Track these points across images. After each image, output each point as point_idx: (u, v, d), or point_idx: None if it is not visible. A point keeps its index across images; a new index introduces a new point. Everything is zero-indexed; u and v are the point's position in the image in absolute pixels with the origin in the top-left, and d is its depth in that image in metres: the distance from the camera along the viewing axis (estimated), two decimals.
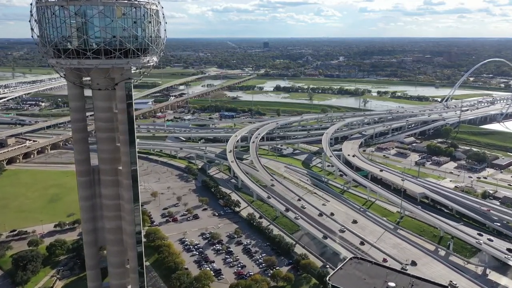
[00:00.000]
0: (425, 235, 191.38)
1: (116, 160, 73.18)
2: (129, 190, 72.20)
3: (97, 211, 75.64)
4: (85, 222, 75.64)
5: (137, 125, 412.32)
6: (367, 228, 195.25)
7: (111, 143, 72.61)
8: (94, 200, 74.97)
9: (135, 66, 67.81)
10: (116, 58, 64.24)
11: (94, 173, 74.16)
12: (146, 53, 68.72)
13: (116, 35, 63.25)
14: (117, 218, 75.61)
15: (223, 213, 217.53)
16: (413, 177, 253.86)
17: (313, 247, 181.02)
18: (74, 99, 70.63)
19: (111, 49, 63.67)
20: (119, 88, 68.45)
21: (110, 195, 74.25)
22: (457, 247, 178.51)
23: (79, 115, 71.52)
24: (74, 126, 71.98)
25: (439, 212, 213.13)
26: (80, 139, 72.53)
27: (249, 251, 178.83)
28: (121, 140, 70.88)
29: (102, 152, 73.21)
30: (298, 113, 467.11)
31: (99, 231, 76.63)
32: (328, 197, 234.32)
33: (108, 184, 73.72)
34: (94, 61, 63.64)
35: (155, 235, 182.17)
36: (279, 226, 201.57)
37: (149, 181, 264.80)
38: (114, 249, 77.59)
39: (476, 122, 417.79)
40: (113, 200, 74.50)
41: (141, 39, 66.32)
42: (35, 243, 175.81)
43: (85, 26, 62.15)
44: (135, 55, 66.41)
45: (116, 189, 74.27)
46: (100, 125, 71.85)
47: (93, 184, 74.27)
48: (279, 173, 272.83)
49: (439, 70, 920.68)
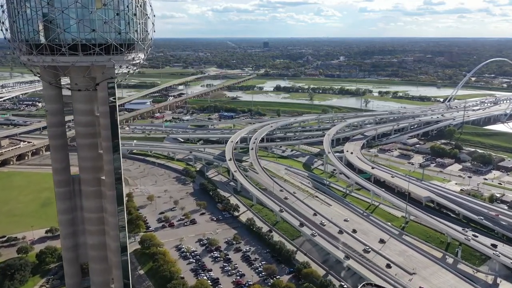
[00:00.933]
0: (431, 241, 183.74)
1: (99, 169, 65.71)
2: (113, 202, 64.66)
3: (78, 225, 68.21)
4: (64, 237, 68.19)
5: (133, 125, 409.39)
6: (371, 234, 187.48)
7: (92, 150, 65.13)
8: (75, 213, 67.54)
9: (118, 64, 59.83)
10: (96, 54, 56.53)
11: (74, 184, 66.75)
12: (131, 50, 60.94)
13: (96, 29, 55.55)
14: (100, 233, 68.17)
15: (221, 217, 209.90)
16: (417, 180, 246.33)
17: (315, 254, 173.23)
18: (50, 101, 63.18)
19: (90, 45, 55.99)
20: (100, 88, 60.90)
21: (92, 207, 66.85)
22: (466, 254, 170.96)
23: (57, 119, 64.04)
24: (50, 131, 64.56)
25: (445, 217, 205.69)
26: (58, 146, 65.05)
27: (248, 258, 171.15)
28: (103, 147, 63.39)
29: (83, 160, 65.76)
30: (299, 113, 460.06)
31: (81, 247, 69.24)
32: (330, 200, 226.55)
33: (90, 196, 66.30)
34: (71, 58, 56.20)
35: (150, 241, 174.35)
36: (279, 231, 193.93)
37: (146, 184, 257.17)
38: (97, 267, 70.10)
39: (480, 123, 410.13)
40: (96, 213, 67.14)
41: (125, 33, 58.64)
42: (24, 250, 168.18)
43: (59, 18, 54.42)
44: (118, 52, 58.61)
45: (99, 201, 66.83)
46: (81, 130, 64.46)
47: (73, 195, 66.85)
48: (279, 176, 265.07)
49: (441, 70, 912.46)
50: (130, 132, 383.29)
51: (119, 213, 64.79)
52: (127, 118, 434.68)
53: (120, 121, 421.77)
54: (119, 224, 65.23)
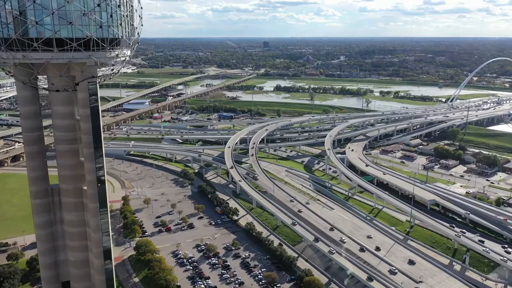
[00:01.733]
0: (437, 247, 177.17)
1: (80, 178, 59.01)
2: (95, 216, 58.07)
3: (58, 241, 61.65)
4: (43, 254, 61.60)
5: (129, 126, 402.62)
6: (375, 239, 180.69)
7: (73, 157, 58.46)
8: (54, 228, 60.98)
9: (100, 62, 53.24)
10: (74, 51, 49.87)
11: (53, 194, 60.17)
12: (115, 45, 54.24)
13: (73, 21, 48.91)
14: (82, 249, 61.60)
15: (220, 222, 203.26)
16: (421, 182, 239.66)
17: (317, 261, 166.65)
18: (25, 102, 56.61)
19: (66, 40, 49.35)
20: (80, 89, 54.31)
21: (73, 221, 60.28)
22: (474, 261, 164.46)
23: (32, 123, 57.41)
24: (26, 136, 57.88)
25: (451, 221, 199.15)
26: (34, 153, 58.46)
27: (247, 265, 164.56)
28: (84, 154, 56.79)
29: (63, 169, 59.11)
30: (299, 113, 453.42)
31: (61, 264, 62.57)
32: (332, 204, 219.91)
33: (71, 208, 59.71)
34: (45, 54, 49.62)
35: (146, 247, 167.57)
36: (280, 236, 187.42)
37: (143, 186, 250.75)
38: (79, 286, 63.21)
39: (483, 123, 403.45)
40: (78, 227, 60.56)
41: (107, 27, 51.91)
42: (15, 256, 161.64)
43: (31, 9, 47.81)
44: (100, 48, 51.97)
45: (81, 213, 60.28)
46: (60, 135, 57.77)
47: (52, 207, 60.30)
48: (279, 178, 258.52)
49: (442, 69, 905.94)
50: (125, 132, 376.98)
51: (101, 215, 58.12)
52: (125, 119, 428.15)
53: (118, 121, 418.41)
54: (102, 228, 58.52)
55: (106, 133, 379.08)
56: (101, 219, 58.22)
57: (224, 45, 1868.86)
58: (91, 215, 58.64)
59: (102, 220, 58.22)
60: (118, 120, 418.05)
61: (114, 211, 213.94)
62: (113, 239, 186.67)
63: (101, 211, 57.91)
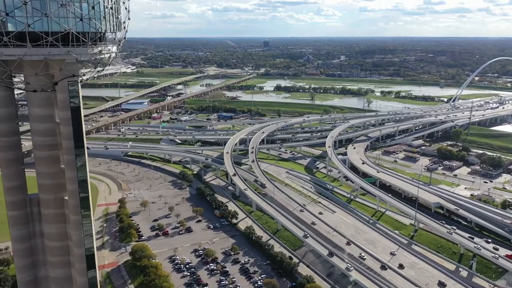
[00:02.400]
0: (443, 252, 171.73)
1: (61, 188, 53.48)
2: (78, 229, 52.61)
3: (38, 255, 56.14)
4: (21, 271, 56.16)
5: (126, 126, 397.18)
6: (378, 244, 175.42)
7: (53, 164, 52.97)
8: (33, 241, 55.44)
9: (81, 59, 47.71)
10: (50, 46, 44.32)
11: (31, 205, 54.58)
12: (98, 41, 48.70)
13: (49, 13, 43.37)
14: (64, 265, 56.07)
15: (219, 225, 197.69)
16: (425, 184, 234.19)
17: (319, 267, 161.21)
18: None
19: (41, 34, 43.83)
20: (60, 89, 48.82)
21: (54, 234, 54.77)
22: (481, 267, 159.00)
23: (8, 127, 51.99)
24: (0, 141, 52.16)
25: (457, 225, 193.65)
26: (10, 160, 53.05)
27: (247, 271, 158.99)
28: (65, 161, 51.34)
29: (42, 177, 53.60)
30: (300, 113, 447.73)
31: (41, 281, 57.09)
32: (334, 206, 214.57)
33: (51, 220, 54.22)
34: (17, 50, 44.19)
35: (142, 252, 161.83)
36: (280, 241, 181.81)
37: (140, 188, 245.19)
38: None
39: (486, 124, 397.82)
40: (59, 241, 55.03)
41: (88, 19, 46.31)
42: (6, 262, 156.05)
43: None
44: (80, 43, 46.42)
45: (63, 226, 54.77)
46: (38, 140, 52.32)
47: (30, 219, 54.81)
48: (280, 180, 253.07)
49: (443, 69, 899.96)
50: (120, 133, 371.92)
51: (85, 227, 52.57)
52: (123, 119, 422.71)
53: (116, 121, 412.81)
54: (84, 230, 53.02)
55: (102, 133, 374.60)
56: (84, 231, 52.65)
57: (224, 45, 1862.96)
58: (73, 228, 53.18)
59: (86, 232, 52.64)
60: (116, 120, 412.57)
61: (110, 214, 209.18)
62: (109, 243, 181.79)
63: (84, 223, 52.38)
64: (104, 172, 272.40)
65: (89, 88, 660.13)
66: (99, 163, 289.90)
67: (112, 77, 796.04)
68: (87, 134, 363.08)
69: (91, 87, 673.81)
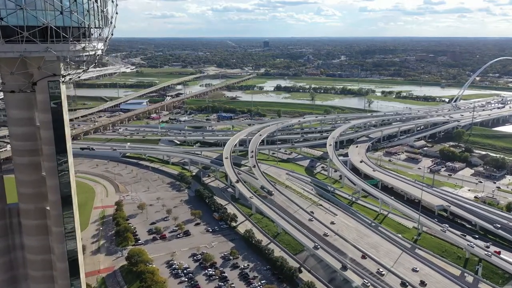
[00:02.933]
0: (447, 256, 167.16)
1: (43, 197, 49.03)
2: (60, 242, 48.34)
3: (18, 269, 51.82)
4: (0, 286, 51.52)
5: (124, 127, 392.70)
6: (380, 248, 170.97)
7: (34, 171, 48.66)
8: (13, 254, 51.08)
9: (62, 56, 43.30)
10: (26, 42, 39.93)
11: (11, 216, 50.19)
12: (81, 36, 44.29)
13: (23, 5, 38.98)
14: (47, 280, 51.77)
15: (217, 228, 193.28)
16: (428, 186, 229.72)
17: (321, 272, 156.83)
18: None
19: (16, 28, 39.43)
20: (39, 89, 44.52)
21: (35, 247, 50.48)
22: (487, 272, 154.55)
23: None
24: None
25: (461, 228, 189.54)
26: None
27: (246, 276, 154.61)
28: (45, 168, 47.02)
29: (22, 185, 49.34)
30: (300, 114, 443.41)
31: None
32: (335, 209, 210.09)
33: (32, 232, 49.95)
34: None
35: (139, 257, 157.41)
36: (281, 244, 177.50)
37: (138, 191, 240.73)
38: None
39: (489, 124, 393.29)
40: (41, 254, 50.71)
41: (69, 12, 41.89)
42: None
43: None
44: (61, 39, 42.01)
45: (44, 238, 50.30)
46: (17, 145, 47.99)
47: (10, 231, 50.40)
48: (280, 181, 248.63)
49: (444, 69, 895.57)
50: (117, 133, 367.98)
51: (68, 240, 48.21)
52: (122, 119, 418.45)
53: (115, 122, 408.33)
54: (68, 243, 48.58)
55: (98, 134, 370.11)
56: (68, 244, 48.28)
57: (224, 45, 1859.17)
58: (55, 241, 48.88)
59: (69, 245, 48.27)
60: (114, 121, 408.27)
61: (106, 217, 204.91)
62: (105, 247, 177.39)
63: (67, 235, 48.01)
64: (101, 174, 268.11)
65: (88, 88, 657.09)
66: (96, 164, 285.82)
67: (111, 77, 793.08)
68: (85, 134, 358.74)
69: (90, 87, 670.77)
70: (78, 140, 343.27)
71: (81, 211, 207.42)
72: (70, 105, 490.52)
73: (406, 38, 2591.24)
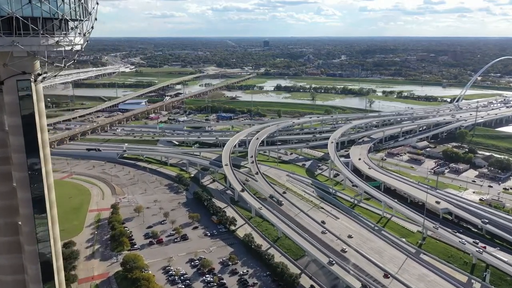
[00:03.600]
0: (454, 262, 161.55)
1: (15, 210, 43.41)
2: (34, 262, 42.62)
3: None
4: None
5: (121, 127, 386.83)
6: (384, 253, 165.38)
7: (4, 182, 42.93)
8: None
9: (33, 51, 37.72)
10: None
11: None
12: (55, 29, 38.72)
13: None
14: None
15: (216, 232, 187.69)
16: (431, 188, 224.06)
17: (322, 278, 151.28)
18: None
19: None
20: (7, 90, 38.78)
21: (6, 266, 44.57)
22: (495, 279, 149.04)
23: None
24: None
25: (466, 232, 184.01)
26: None
27: (245, 283, 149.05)
28: (16, 179, 41.35)
29: None
30: (301, 114, 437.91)
31: None
32: (336, 212, 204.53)
33: (3, 250, 44.03)
34: None
35: (134, 263, 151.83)
36: (281, 249, 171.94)
37: (135, 193, 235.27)
38: None
39: (492, 125, 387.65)
40: (13, 274, 44.88)
41: (38, 1, 36.27)
42: None
43: None
44: (30, 31, 36.47)
45: (17, 256, 44.59)
46: None
47: None
48: (280, 183, 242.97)
49: (445, 69, 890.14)
50: (113, 134, 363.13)
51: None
52: (120, 119, 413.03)
53: (113, 122, 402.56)
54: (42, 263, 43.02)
55: (94, 134, 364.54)
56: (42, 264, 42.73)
57: (224, 45, 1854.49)
58: (28, 261, 43.31)
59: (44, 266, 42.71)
60: (112, 121, 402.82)
61: (102, 221, 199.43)
62: (99, 252, 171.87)
63: (41, 253, 42.47)
64: (98, 175, 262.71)
65: (86, 87, 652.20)
66: (93, 166, 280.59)
67: (110, 77, 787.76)
68: (83, 135, 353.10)
69: (88, 86, 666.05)
70: (75, 141, 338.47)
71: (76, 215, 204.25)
72: (68, 105, 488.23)
73: (406, 38, 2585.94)
